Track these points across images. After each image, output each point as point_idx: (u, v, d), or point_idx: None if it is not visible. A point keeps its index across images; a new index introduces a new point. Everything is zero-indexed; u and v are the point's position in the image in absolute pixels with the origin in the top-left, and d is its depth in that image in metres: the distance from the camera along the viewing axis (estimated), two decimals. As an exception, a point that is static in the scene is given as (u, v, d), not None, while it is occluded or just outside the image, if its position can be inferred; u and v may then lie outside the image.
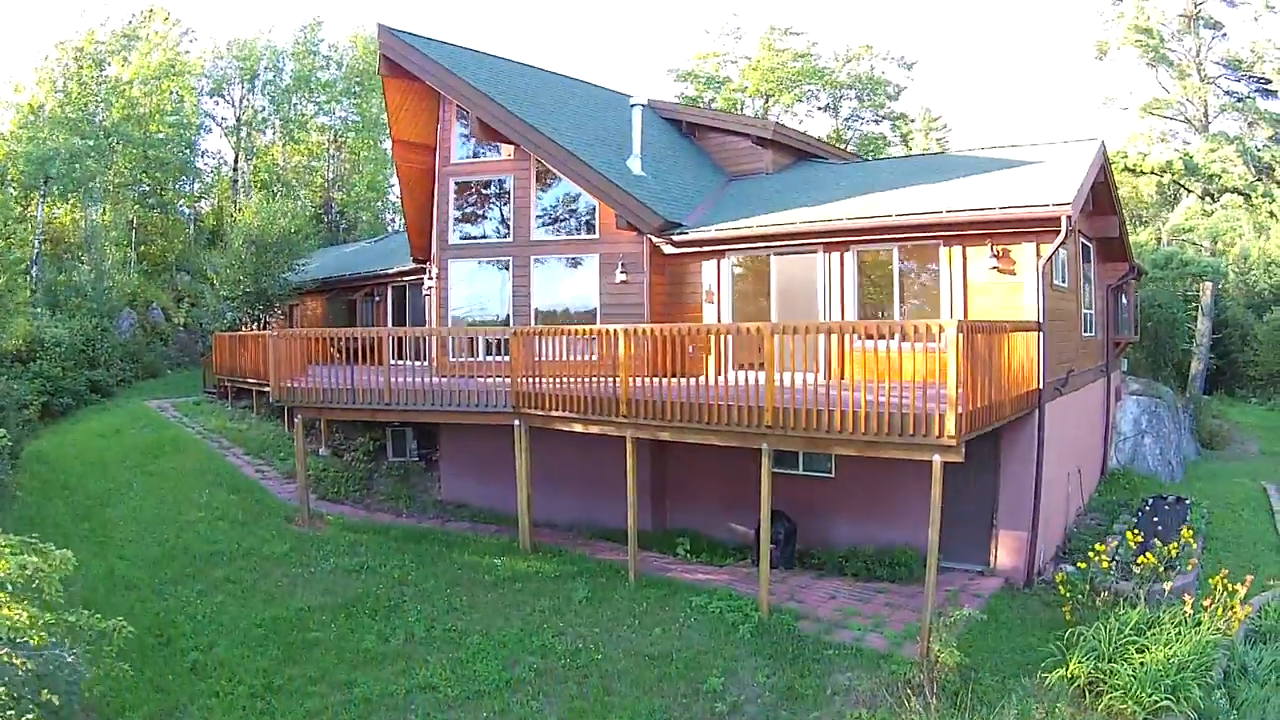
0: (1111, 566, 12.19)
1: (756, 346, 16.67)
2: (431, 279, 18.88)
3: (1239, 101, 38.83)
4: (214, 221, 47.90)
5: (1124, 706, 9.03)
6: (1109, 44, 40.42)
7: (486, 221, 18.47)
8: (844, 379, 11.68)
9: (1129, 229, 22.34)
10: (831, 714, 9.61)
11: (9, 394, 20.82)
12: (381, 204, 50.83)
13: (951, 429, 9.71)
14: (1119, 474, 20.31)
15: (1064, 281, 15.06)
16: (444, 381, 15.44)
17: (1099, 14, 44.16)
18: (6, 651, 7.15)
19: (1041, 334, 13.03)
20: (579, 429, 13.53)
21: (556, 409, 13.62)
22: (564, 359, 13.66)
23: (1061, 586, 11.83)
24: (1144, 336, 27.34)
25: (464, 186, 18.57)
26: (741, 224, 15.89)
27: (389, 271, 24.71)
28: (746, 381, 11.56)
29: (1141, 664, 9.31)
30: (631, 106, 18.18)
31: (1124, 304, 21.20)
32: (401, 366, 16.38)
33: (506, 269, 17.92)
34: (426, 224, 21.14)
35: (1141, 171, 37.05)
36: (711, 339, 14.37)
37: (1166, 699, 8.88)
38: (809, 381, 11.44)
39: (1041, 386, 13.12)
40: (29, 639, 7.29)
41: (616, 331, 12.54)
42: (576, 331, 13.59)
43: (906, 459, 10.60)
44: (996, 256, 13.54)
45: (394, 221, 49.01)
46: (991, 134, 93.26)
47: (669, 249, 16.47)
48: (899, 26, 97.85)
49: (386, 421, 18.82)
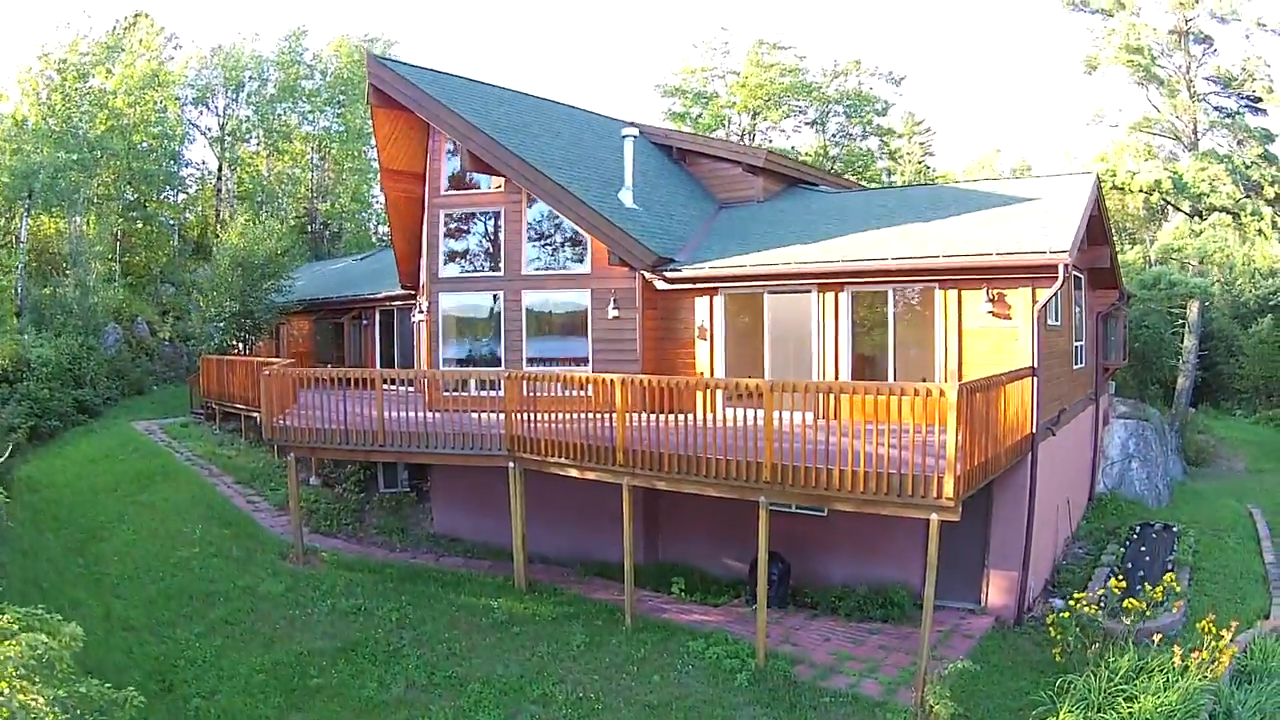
0: (1099, 612, 12.36)
1: (746, 370, 16.90)
2: (422, 312, 18.82)
3: (1228, 118, 39.08)
4: (198, 232, 47.63)
5: (1116, 756, 9.18)
6: (1099, 60, 40.60)
7: (477, 255, 18.41)
8: (839, 420, 11.74)
9: (1117, 246, 22.50)
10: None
11: (-3, 420, 20.69)
12: (366, 214, 50.60)
13: (950, 491, 9.82)
14: (1106, 499, 20.50)
15: (1057, 320, 15.20)
16: (437, 420, 15.39)
17: (1089, 30, 44.24)
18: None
19: (1036, 379, 13.15)
20: (574, 474, 13.56)
21: (552, 454, 13.65)
22: (558, 401, 13.69)
23: (1052, 628, 11.99)
24: (1131, 356, 27.54)
25: (454, 218, 18.51)
26: (735, 262, 15.95)
27: (377, 296, 24.65)
28: (742, 422, 11.53)
29: (1131, 714, 9.45)
30: (623, 138, 18.15)
31: (1113, 330, 21.39)
32: (394, 393, 16.34)
33: (498, 301, 17.88)
34: (415, 252, 21.10)
35: (1130, 190, 37.29)
36: (703, 395, 14.42)
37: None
38: (806, 421, 11.53)
39: (1035, 430, 13.25)
40: None
41: (613, 381, 12.57)
42: (571, 379, 13.62)
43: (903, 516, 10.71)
44: (992, 301, 13.66)
45: (378, 230, 48.84)
46: (977, 139, 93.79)
47: (662, 285, 16.52)
48: (885, 34, 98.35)
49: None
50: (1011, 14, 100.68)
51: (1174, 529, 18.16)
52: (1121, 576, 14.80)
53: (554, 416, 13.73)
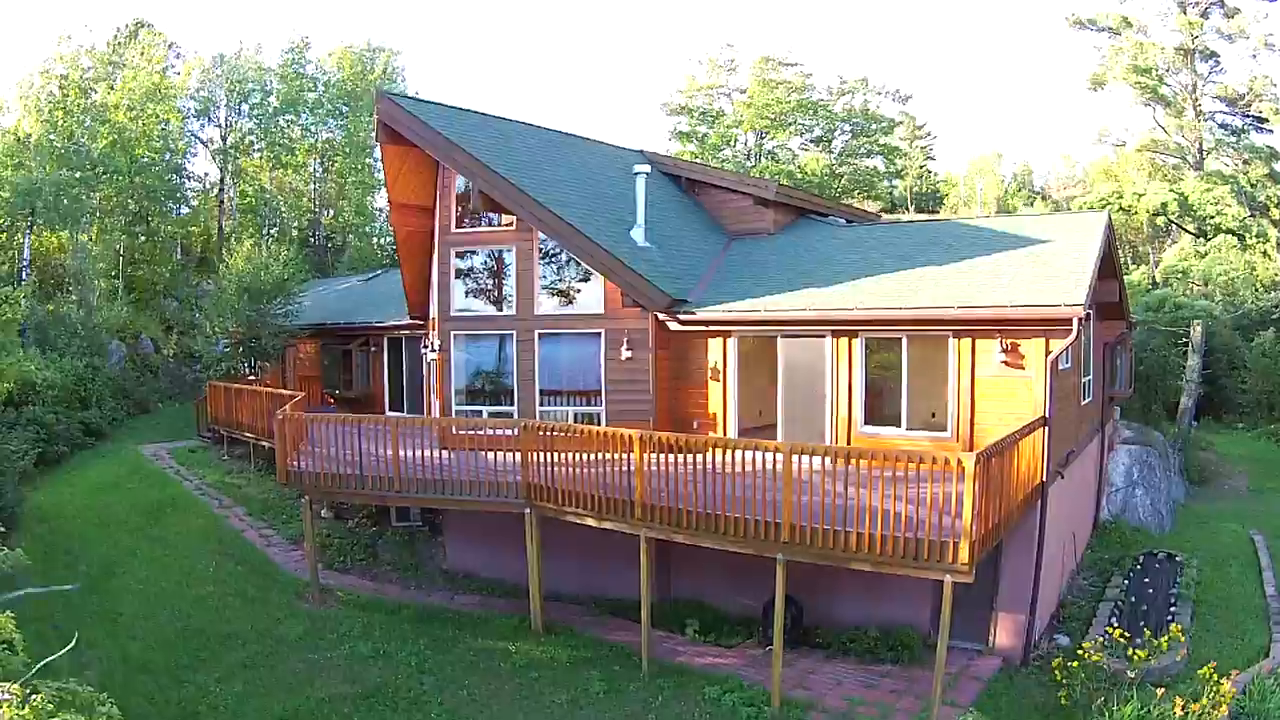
0: (1103, 658, 12.54)
1: (758, 410, 17.05)
2: (434, 350, 18.89)
3: (1233, 135, 39.27)
4: (201, 245, 47.65)
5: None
6: (1105, 77, 40.75)
7: (489, 293, 18.47)
8: (856, 465, 11.85)
9: (1122, 263, 22.60)
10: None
11: (4, 446, 20.59)
12: (370, 228, 50.59)
13: (965, 556, 10.00)
14: (1110, 526, 20.60)
15: (1068, 363, 15.36)
16: (451, 462, 15.46)
17: (1095, 48, 44.36)
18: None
19: (1048, 428, 13.31)
20: (592, 523, 13.69)
21: (569, 504, 13.79)
22: (575, 442, 13.82)
23: (1058, 671, 12.18)
24: (1136, 379, 27.60)
25: (464, 255, 18.57)
26: (749, 306, 16.11)
27: (385, 324, 24.75)
28: (758, 464, 11.67)
29: (1134, 764, 9.66)
30: (635, 174, 18.23)
31: (1120, 358, 21.50)
32: (407, 429, 16.36)
33: (510, 341, 17.97)
34: (424, 284, 21.18)
35: (1136, 212, 37.43)
36: (710, 453, 14.55)
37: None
38: (825, 466, 11.71)
39: (1045, 479, 13.41)
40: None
41: (631, 437, 12.71)
42: (588, 433, 13.73)
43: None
44: (1006, 351, 13.85)
45: (381, 242, 48.79)
46: (978, 141, 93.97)
47: (675, 326, 16.66)
48: (885, 34, 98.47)
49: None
50: (1014, 21, 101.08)
51: (1177, 559, 18.31)
52: (1125, 613, 15.02)
53: (571, 463, 13.84)
